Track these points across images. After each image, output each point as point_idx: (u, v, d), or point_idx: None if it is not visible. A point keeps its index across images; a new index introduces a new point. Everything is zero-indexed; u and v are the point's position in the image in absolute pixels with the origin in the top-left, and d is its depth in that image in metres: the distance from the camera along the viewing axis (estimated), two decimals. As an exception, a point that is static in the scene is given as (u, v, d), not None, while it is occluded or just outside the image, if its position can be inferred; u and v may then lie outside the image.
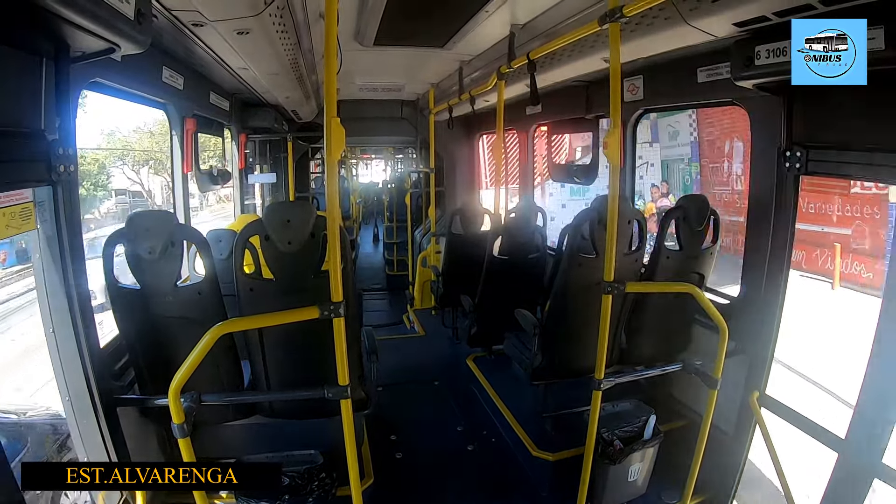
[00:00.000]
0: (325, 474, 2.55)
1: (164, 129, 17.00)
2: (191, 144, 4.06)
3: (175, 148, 4.02)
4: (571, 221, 3.00)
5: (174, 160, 4.05)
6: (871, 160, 2.15)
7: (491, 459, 3.60)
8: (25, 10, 1.61)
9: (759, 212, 2.82)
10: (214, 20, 2.64)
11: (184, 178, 4.07)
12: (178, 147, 4.00)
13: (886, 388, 2.12)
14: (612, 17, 2.28)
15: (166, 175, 24.08)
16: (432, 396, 4.55)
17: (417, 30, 3.87)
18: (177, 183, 4.07)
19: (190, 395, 2.04)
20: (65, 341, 2.33)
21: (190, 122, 4.01)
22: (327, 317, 2.04)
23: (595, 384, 2.49)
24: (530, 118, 5.43)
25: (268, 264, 2.45)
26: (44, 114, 2.09)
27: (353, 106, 6.97)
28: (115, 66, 2.43)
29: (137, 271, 2.43)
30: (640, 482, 2.94)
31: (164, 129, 17.00)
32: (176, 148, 4.01)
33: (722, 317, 2.55)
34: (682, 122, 16.23)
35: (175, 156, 4.04)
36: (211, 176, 4.74)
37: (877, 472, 2.14)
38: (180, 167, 4.02)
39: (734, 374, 2.80)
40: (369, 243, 13.10)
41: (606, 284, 2.39)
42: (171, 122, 3.95)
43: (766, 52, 2.21)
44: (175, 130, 3.97)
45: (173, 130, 3.98)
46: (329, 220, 2.06)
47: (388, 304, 8.54)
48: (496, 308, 3.91)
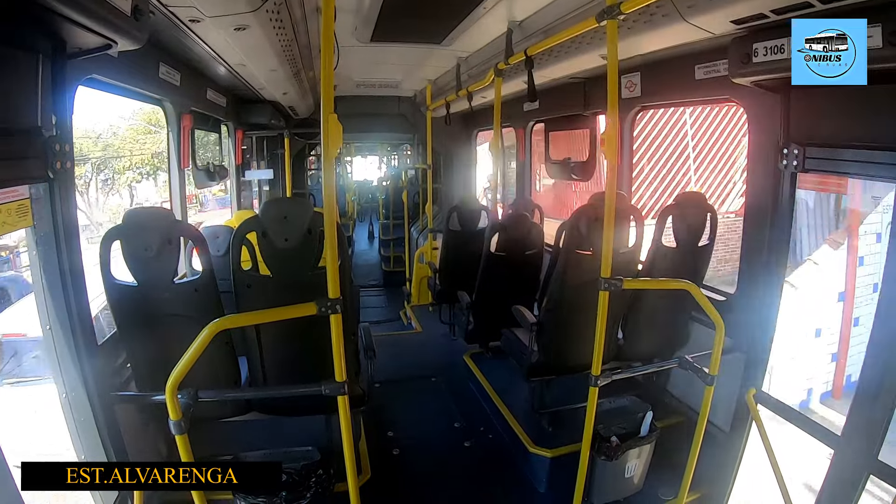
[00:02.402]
0: (322, 470, 2.55)
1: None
2: (188, 141, 4.05)
3: (172, 144, 4.01)
4: (568, 218, 3.01)
5: (171, 156, 4.05)
6: (869, 158, 2.16)
7: (488, 455, 3.61)
8: (22, 6, 1.60)
9: (756, 209, 2.83)
10: (211, 16, 2.63)
11: (181, 175, 4.06)
12: (175, 143, 3.99)
13: (882, 384, 2.13)
14: (610, 14, 2.28)
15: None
16: (429, 393, 4.56)
17: (415, 26, 3.86)
18: (173, 179, 4.06)
19: (187, 392, 2.04)
20: (61, 338, 2.32)
21: (187, 118, 4.01)
22: (324, 313, 2.04)
23: (592, 380, 2.50)
24: (528, 115, 5.42)
25: (265, 261, 2.44)
26: (40, 110, 2.08)
27: (350, 102, 6.95)
28: (111, 62, 2.42)
29: (134, 268, 2.42)
30: (636, 479, 2.95)
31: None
32: (173, 144, 4.00)
33: (718, 313, 2.56)
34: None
35: (172, 152, 4.03)
36: (208, 172, 4.73)
37: (873, 468, 2.15)
38: (177, 163, 4.01)
39: (731, 371, 2.82)
40: (364, 240, 13.09)
41: (603, 281, 2.40)
42: (167, 119, 3.95)
43: (764, 50, 2.22)
44: (172, 127, 3.96)
45: (170, 127, 3.97)
46: (326, 217, 2.05)
47: (385, 301, 8.54)
48: (493, 304, 3.91)
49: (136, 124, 22.77)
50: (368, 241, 13.00)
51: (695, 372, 2.67)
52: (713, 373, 2.60)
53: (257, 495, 2.43)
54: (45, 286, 2.28)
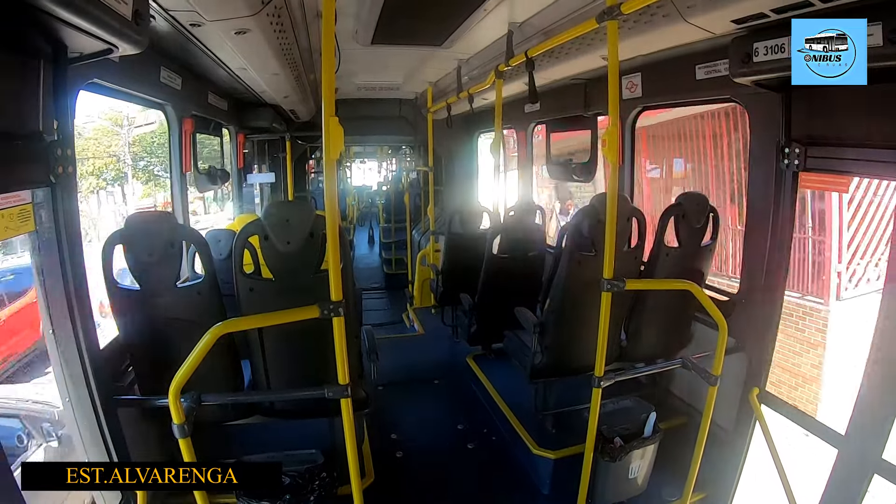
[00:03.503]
0: (325, 473, 2.55)
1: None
2: (189, 145, 4.06)
3: (173, 148, 4.02)
4: (570, 219, 3.01)
5: (172, 160, 4.06)
6: (870, 156, 2.16)
7: (491, 458, 3.60)
8: (23, 11, 1.60)
9: (757, 208, 2.83)
10: (212, 20, 2.64)
11: (182, 179, 4.07)
12: (177, 147, 4.00)
13: (886, 384, 2.12)
14: (610, 15, 2.28)
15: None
16: (432, 395, 4.55)
17: (415, 29, 3.86)
18: (175, 183, 4.07)
19: (190, 396, 2.04)
20: (65, 342, 2.32)
21: (188, 122, 4.01)
22: (327, 316, 2.04)
23: (595, 382, 2.49)
24: (529, 116, 5.43)
25: (267, 264, 2.44)
26: (42, 115, 2.09)
27: (351, 105, 6.97)
28: (113, 66, 2.42)
29: (137, 272, 2.43)
30: (640, 480, 2.94)
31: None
32: (174, 148, 4.01)
33: (721, 314, 2.55)
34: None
35: (173, 156, 4.04)
36: (210, 176, 4.74)
37: (877, 467, 2.14)
38: (178, 167, 4.02)
39: (734, 371, 2.81)
40: (365, 245, 13.11)
41: (606, 282, 2.40)
42: (169, 123, 3.95)
43: (765, 50, 2.22)
44: (173, 131, 3.97)
45: (171, 131, 3.98)
46: (328, 220, 2.05)
47: (387, 303, 8.54)
48: (496, 306, 3.91)
49: (102, 124, 20.56)
50: (369, 245, 13.01)
51: (698, 372, 2.66)
52: (716, 373, 2.59)
53: (260, 498, 2.43)
54: (48, 290, 2.28)
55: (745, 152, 8.74)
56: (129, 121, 20.36)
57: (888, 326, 2.14)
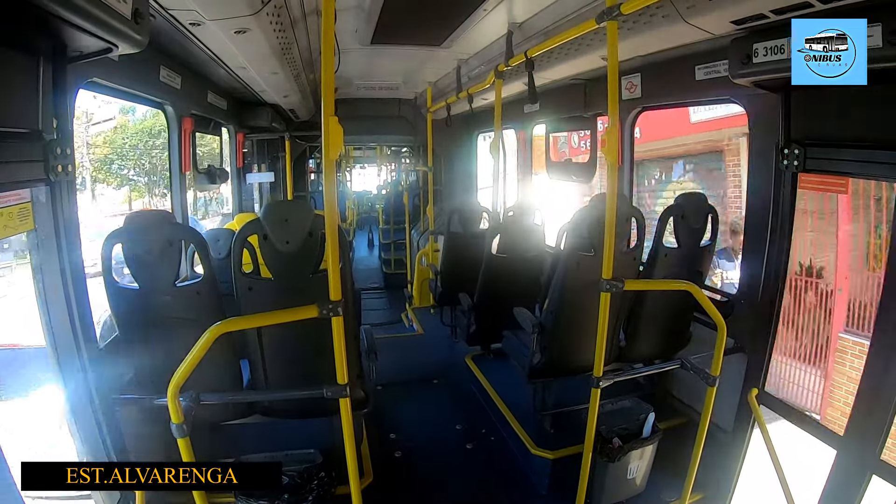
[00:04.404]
0: (324, 473, 2.55)
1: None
2: (188, 144, 4.06)
3: (173, 147, 4.02)
4: (570, 220, 3.01)
5: (171, 159, 4.05)
6: (870, 157, 2.16)
7: (490, 457, 3.60)
8: (23, 10, 1.60)
9: (757, 209, 2.83)
10: (212, 19, 2.64)
11: (181, 178, 4.07)
12: (176, 146, 3.99)
13: (884, 385, 2.12)
14: (610, 15, 2.28)
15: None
16: (431, 395, 4.55)
17: (415, 28, 3.86)
18: (174, 182, 4.07)
19: (189, 395, 2.04)
20: (63, 341, 2.32)
21: (188, 121, 4.01)
22: (326, 316, 2.04)
23: (594, 382, 2.49)
24: (528, 116, 5.43)
25: (266, 264, 2.44)
26: (41, 114, 2.09)
27: (350, 104, 6.96)
28: (112, 65, 2.42)
29: (136, 271, 2.43)
30: (638, 480, 2.95)
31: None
32: (174, 147, 4.01)
33: (720, 314, 2.56)
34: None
35: (173, 155, 4.03)
36: (209, 175, 4.74)
37: (875, 468, 2.15)
38: (178, 167, 4.02)
39: (732, 372, 2.81)
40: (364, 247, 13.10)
41: (605, 282, 2.40)
42: (168, 122, 3.95)
43: (764, 50, 2.22)
44: (173, 130, 3.97)
45: (171, 130, 3.98)
46: (327, 219, 2.05)
47: (386, 303, 8.53)
48: (495, 306, 3.91)
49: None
50: (368, 248, 13.01)
51: (697, 373, 2.66)
52: (715, 373, 2.59)
53: (259, 498, 2.43)
54: (47, 289, 2.28)
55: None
56: (87, 116, 19.27)
57: (886, 328, 2.14)
